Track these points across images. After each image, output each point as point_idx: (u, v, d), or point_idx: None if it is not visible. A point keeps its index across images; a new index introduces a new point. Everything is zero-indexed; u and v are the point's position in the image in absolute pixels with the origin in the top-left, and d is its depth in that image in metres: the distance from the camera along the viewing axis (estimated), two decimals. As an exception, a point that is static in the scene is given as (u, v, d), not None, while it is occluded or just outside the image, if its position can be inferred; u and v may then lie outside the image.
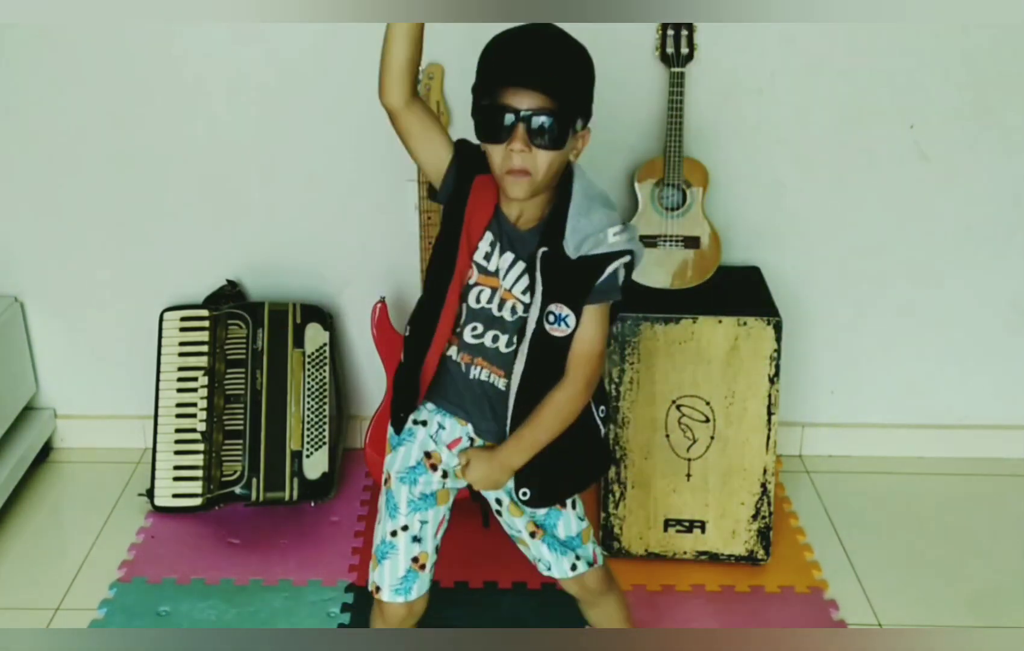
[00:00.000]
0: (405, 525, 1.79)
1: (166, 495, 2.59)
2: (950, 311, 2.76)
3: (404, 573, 1.79)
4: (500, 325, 1.69)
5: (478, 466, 1.74)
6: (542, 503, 1.79)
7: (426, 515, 1.80)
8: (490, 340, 1.70)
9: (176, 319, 2.65)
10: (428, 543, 1.80)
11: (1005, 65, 2.53)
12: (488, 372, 1.72)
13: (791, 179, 2.63)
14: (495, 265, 1.67)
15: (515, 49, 1.56)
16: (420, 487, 1.79)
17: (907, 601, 2.37)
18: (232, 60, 2.54)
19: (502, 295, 1.67)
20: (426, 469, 1.80)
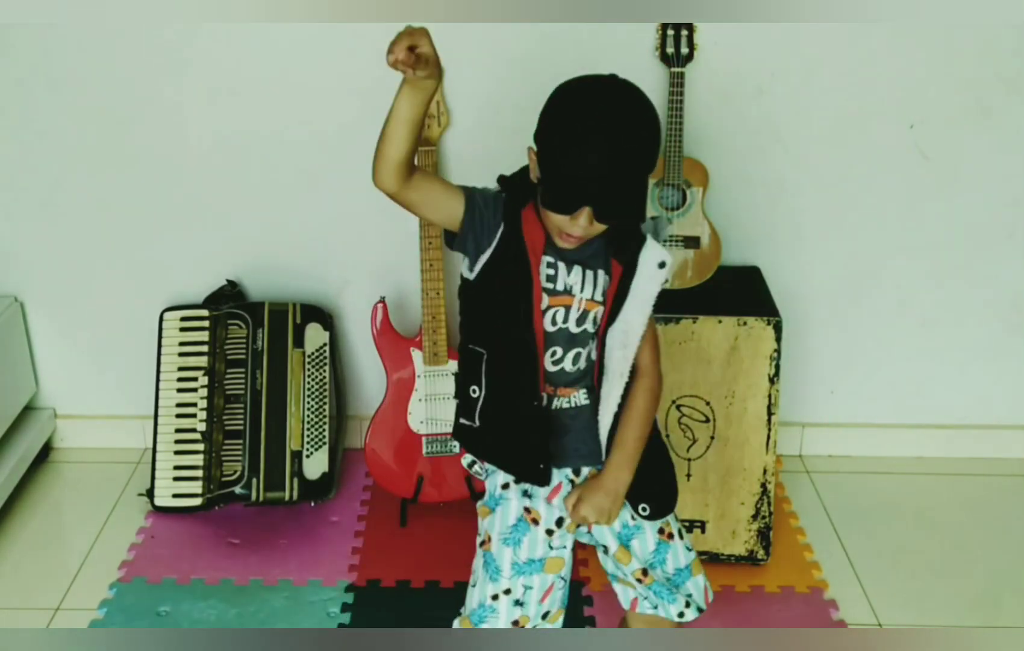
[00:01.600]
0: (508, 589, 1.71)
1: (166, 495, 2.59)
2: (950, 311, 2.76)
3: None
4: (581, 341, 1.67)
5: (592, 500, 1.67)
6: (662, 513, 1.76)
7: (531, 580, 1.71)
8: (570, 363, 1.68)
9: (176, 319, 2.65)
10: (531, 608, 1.72)
11: (1005, 65, 2.53)
12: (569, 398, 1.70)
13: (791, 179, 2.63)
14: (564, 283, 1.64)
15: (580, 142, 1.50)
16: (525, 550, 1.71)
17: (907, 601, 2.37)
18: (232, 60, 2.54)
19: (584, 307, 1.65)
20: (528, 525, 1.71)
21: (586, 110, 1.52)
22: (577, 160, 1.50)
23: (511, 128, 2.56)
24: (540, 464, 1.68)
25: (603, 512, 1.68)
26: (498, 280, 1.63)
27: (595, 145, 1.49)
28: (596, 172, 1.50)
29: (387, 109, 2.61)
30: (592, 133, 1.50)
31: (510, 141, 2.58)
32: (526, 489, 1.72)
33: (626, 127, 1.51)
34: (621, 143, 1.50)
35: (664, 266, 1.68)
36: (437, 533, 2.54)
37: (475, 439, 1.73)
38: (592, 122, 1.50)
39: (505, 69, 2.52)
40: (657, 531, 1.78)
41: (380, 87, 2.51)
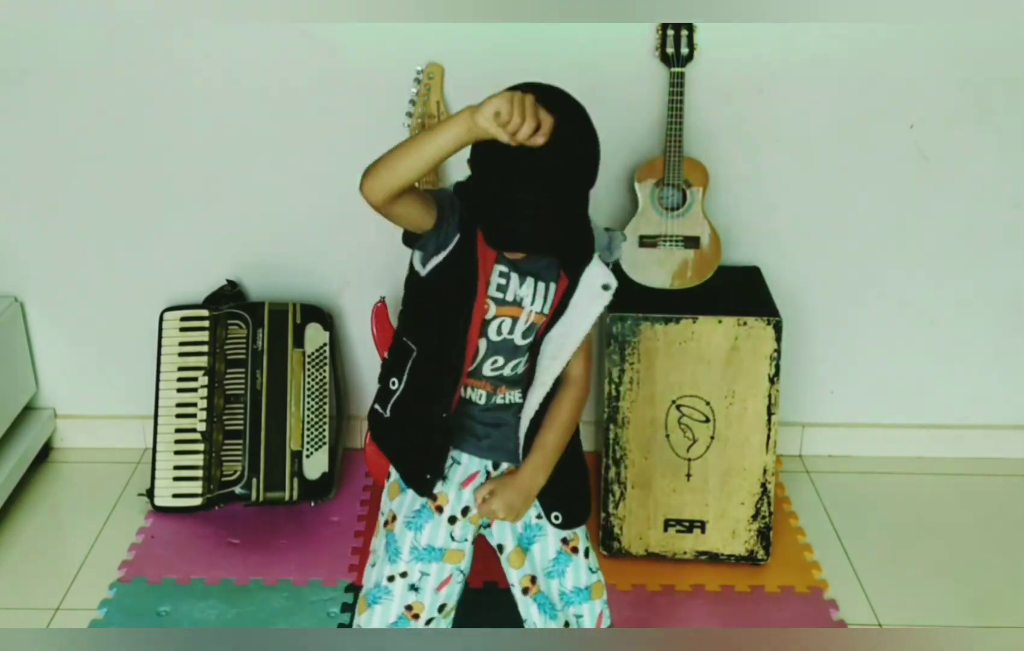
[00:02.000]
0: (405, 572, 1.73)
1: (166, 495, 2.59)
2: (950, 311, 2.76)
3: (394, 620, 1.73)
4: (523, 352, 1.69)
5: (503, 496, 1.68)
6: (573, 523, 1.76)
7: (428, 567, 1.73)
8: (509, 370, 1.70)
9: (176, 319, 2.65)
10: (426, 596, 1.73)
11: (1005, 65, 2.53)
12: (506, 396, 1.72)
13: (791, 179, 2.63)
14: (514, 294, 1.64)
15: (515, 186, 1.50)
16: (426, 536, 1.72)
17: (907, 601, 2.37)
18: (232, 60, 2.54)
19: (533, 320, 1.66)
20: (432, 513, 1.73)
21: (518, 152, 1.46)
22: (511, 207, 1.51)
23: (511, 128, 2.56)
24: (428, 475, 1.69)
25: (512, 509, 1.68)
26: (445, 285, 1.62)
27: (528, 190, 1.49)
28: (530, 216, 1.51)
29: (387, 110, 2.61)
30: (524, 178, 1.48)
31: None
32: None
33: (559, 165, 1.49)
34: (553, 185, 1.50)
35: (608, 289, 1.66)
36: (437, 533, 2.54)
37: (382, 428, 1.74)
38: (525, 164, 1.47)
39: (505, 69, 2.51)
40: (561, 541, 1.77)
41: (381, 87, 2.53)
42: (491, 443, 1.73)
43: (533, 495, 1.70)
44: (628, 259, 2.48)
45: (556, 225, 1.53)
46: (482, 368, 1.68)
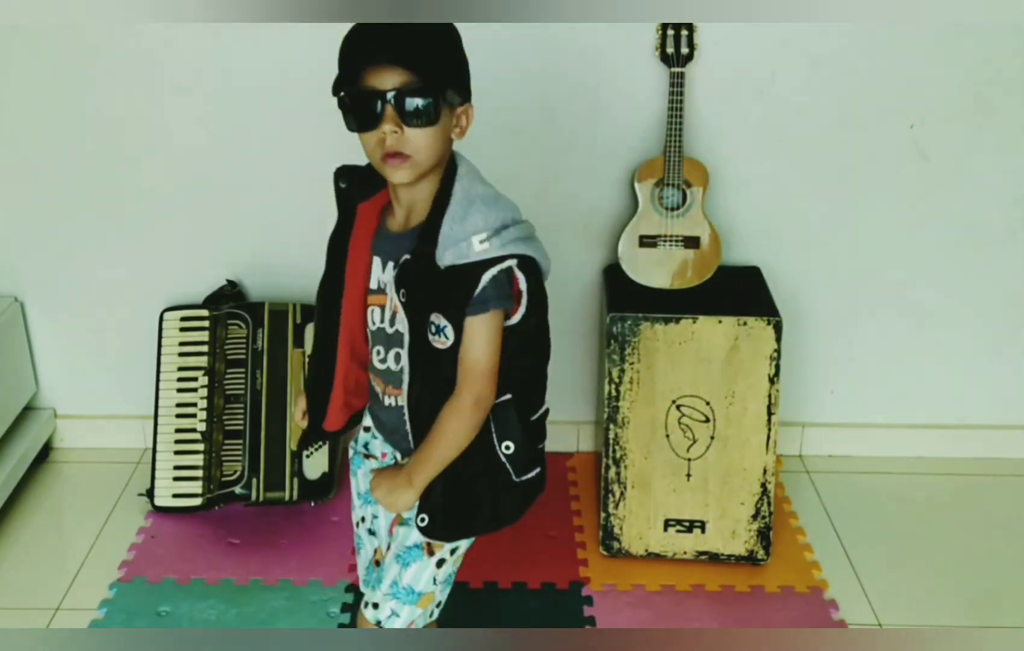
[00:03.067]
0: (362, 517, 1.80)
1: (166, 495, 2.59)
2: (950, 311, 2.76)
3: (367, 566, 1.81)
4: (398, 341, 1.59)
5: (381, 483, 1.64)
6: (440, 536, 1.64)
7: (376, 508, 1.76)
8: (393, 361, 1.62)
9: (176, 319, 2.65)
10: (383, 536, 1.76)
11: (1005, 65, 2.53)
12: (394, 397, 1.64)
13: (791, 179, 2.63)
14: (377, 281, 1.62)
15: (370, 31, 1.50)
16: (361, 481, 1.78)
17: (907, 601, 2.37)
18: (232, 60, 2.54)
19: (394, 308, 1.58)
20: (363, 461, 1.78)
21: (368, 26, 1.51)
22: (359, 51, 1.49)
23: (511, 128, 2.56)
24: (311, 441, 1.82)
25: (390, 498, 1.63)
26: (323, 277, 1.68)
27: (375, 29, 1.49)
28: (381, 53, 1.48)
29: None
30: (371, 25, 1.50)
31: (510, 141, 2.59)
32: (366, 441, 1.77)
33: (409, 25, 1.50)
34: (400, 27, 1.48)
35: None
36: (437, 533, 2.54)
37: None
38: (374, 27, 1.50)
39: (505, 69, 2.52)
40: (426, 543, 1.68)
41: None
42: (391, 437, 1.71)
43: (411, 491, 1.60)
44: (628, 259, 2.48)
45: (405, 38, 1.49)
46: (373, 361, 1.67)
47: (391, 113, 1.48)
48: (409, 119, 1.49)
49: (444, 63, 1.53)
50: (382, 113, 1.49)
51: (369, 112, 1.49)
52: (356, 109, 1.51)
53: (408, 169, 1.52)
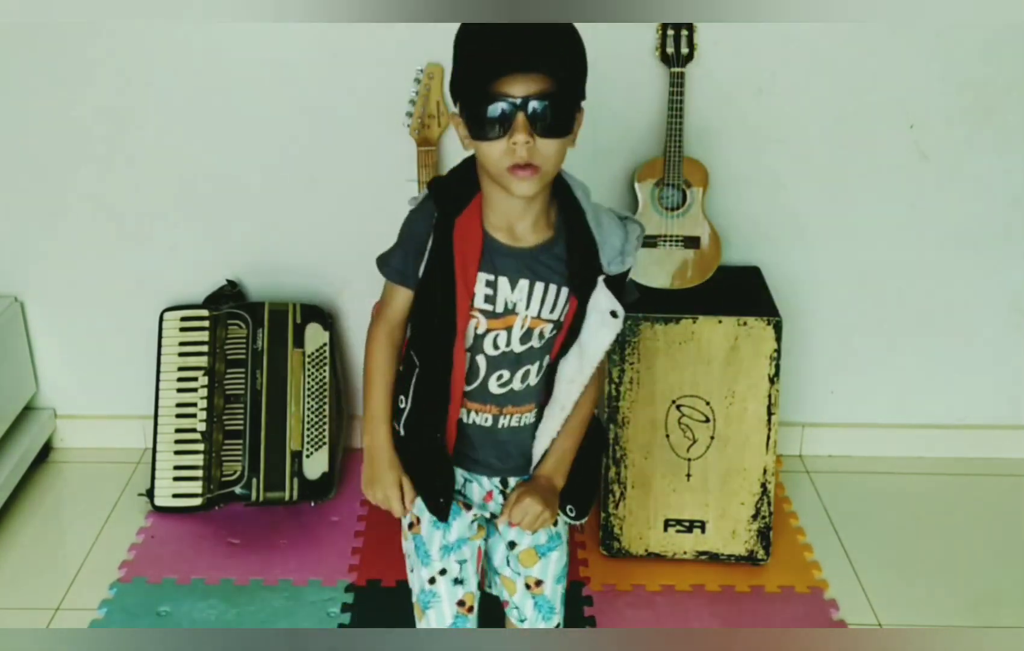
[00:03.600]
0: (444, 569, 1.68)
1: (166, 495, 2.59)
2: (950, 311, 2.76)
3: (452, 620, 1.69)
4: (528, 359, 1.57)
5: (533, 505, 1.57)
6: (584, 514, 1.68)
7: (463, 554, 1.68)
8: (519, 382, 1.59)
9: (176, 319, 2.65)
10: (471, 582, 1.69)
11: (1005, 65, 2.53)
12: (519, 416, 1.62)
13: (791, 179, 2.63)
14: (504, 302, 1.53)
15: (502, 32, 1.39)
16: (455, 532, 1.67)
17: (907, 601, 2.37)
18: (232, 60, 2.54)
19: (528, 325, 1.55)
20: (460, 509, 1.67)
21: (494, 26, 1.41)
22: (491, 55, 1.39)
23: (511, 128, 2.56)
24: (440, 498, 1.62)
25: (538, 517, 1.58)
26: (429, 298, 1.54)
27: (508, 31, 1.38)
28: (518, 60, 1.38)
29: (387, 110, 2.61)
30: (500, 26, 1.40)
31: (510, 141, 2.58)
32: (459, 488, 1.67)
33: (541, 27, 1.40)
34: (535, 28, 1.39)
35: (616, 316, 1.56)
36: (437, 533, 2.54)
37: (400, 445, 1.64)
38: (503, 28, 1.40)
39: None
40: (567, 542, 1.74)
41: (381, 87, 2.53)
42: (501, 466, 1.66)
43: (555, 500, 1.62)
44: (628, 259, 2.48)
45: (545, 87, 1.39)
46: (488, 386, 1.58)
47: (523, 122, 1.39)
48: (544, 129, 1.41)
49: (578, 69, 1.45)
50: (513, 121, 1.39)
51: (500, 120, 1.40)
52: (484, 117, 1.40)
53: (535, 181, 1.44)
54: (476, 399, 1.60)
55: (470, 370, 1.57)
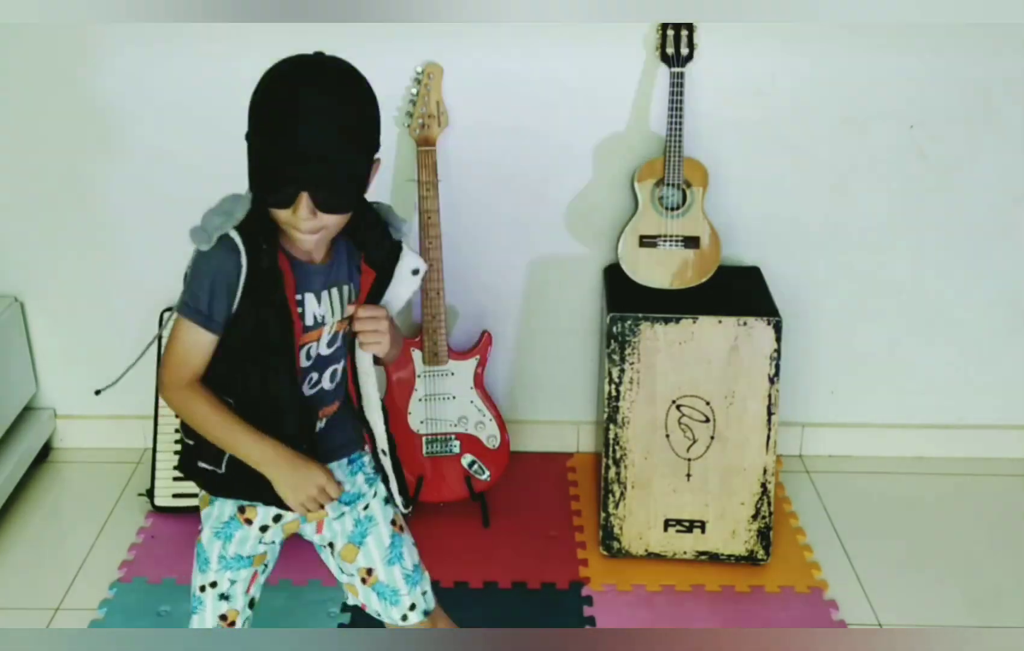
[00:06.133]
0: (214, 582, 1.71)
1: (166, 495, 2.59)
2: (950, 311, 2.76)
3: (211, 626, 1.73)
4: (335, 359, 1.65)
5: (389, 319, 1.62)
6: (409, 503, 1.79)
7: (237, 574, 1.71)
8: (328, 381, 1.66)
9: (176, 319, 2.65)
10: (238, 601, 1.73)
11: (1005, 65, 2.53)
12: (330, 416, 1.68)
13: (791, 179, 2.63)
14: (314, 316, 1.59)
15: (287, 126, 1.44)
16: (234, 546, 1.69)
17: (907, 601, 2.37)
18: (232, 60, 2.53)
19: (335, 329, 1.62)
20: (240, 524, 1.68)
21: (290, 91, 1.44)
22: (284, 143, 1.44)
23: (510, 128, 2.56)
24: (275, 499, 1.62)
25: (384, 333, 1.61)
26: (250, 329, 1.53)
27: (302, 124, 1.42)
28: (306, 153, 1.43)
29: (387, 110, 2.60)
30: (299, 112, 1.43)
31: (509, 141, 2.59)
32: None
33: (333, 104, 1.45)
34: (329, 119, 1.44)
35: (417, 273, 1.64)
36: (437, 533, 2.54)
37: (221, 483, 1.63)
38: (298, 102, 1.43)
39: (504, 69, 2.52)
40: (390, 522, 1.76)
41: (381, 86, 2.52)
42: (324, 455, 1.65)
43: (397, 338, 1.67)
44: (628, 259, 2.48)
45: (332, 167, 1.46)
46: (303, 392, 1.62)
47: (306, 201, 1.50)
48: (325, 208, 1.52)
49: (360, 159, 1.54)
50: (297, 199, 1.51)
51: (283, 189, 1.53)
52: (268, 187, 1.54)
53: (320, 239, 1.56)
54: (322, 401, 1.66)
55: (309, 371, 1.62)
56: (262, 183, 1.51)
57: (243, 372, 1.56)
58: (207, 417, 1.55)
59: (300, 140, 1.43)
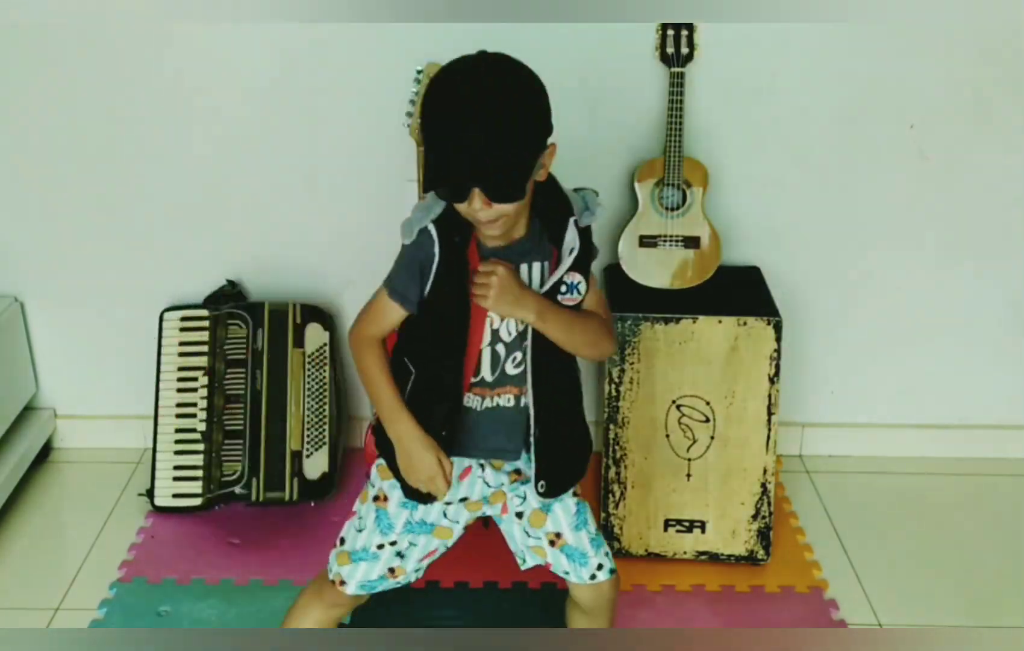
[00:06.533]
0: (395, 541, 1.80)
1: (166, 495, 2.59)
2: (950, 311, 2.76)
3: (376, 578, 1.82)
4: (518, 344, 1.69)
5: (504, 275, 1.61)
6: (556, 492, 1.77)
7: (417, 538, 1.80)
8: (511, 366, 1.70)
9: (176, 319, 2.65)
10: (409, 562, 1.82)
11: (1005, 65, 2.53)
12: (509, 396, 1.71)
13: (791, 179, 2.63)
14: None
15: (453, 125, 1.51)
16: (420, 513, 1.78)
17: (907, 601, 2.37)
18: (233, 60, 2.54)
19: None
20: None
21: (454, 91, 1.52)
22: (452, 142, 1.51)
23: (511, 128, 2.56)
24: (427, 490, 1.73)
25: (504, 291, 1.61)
26: (436, 316, 1.66)
27: (468, 122, 1.49)
28: (472, 148, 1.49)
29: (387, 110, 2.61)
30: (464, 111, 1.50)
31: (510, 141, 2.58)
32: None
33: (498, 100, 1.51)
34: (491, 114, 1.49)
35: (573, 252, 1.66)
36: (437, 533, 2.54)
37: (385, 441, 1.75)
38: (463, 101, 1.50)
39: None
40: (572, 493, 1.82)
41: (381, 86, 2.53)
42: (488, 445, 1.75)
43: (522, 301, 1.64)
44: (628, 259, 2.48)
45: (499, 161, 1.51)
46: (506, 370, 1.69)
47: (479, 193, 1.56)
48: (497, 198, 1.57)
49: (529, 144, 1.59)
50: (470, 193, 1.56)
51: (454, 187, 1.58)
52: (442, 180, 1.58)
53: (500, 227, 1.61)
54: (497, 386, 1.70)
55: (492, 361, 1.69)
56: (436, 181, 1.57)
57: (424, 350, 1.69)
58: (367, 372, 1.71)
59: (465, 137, 1.50)
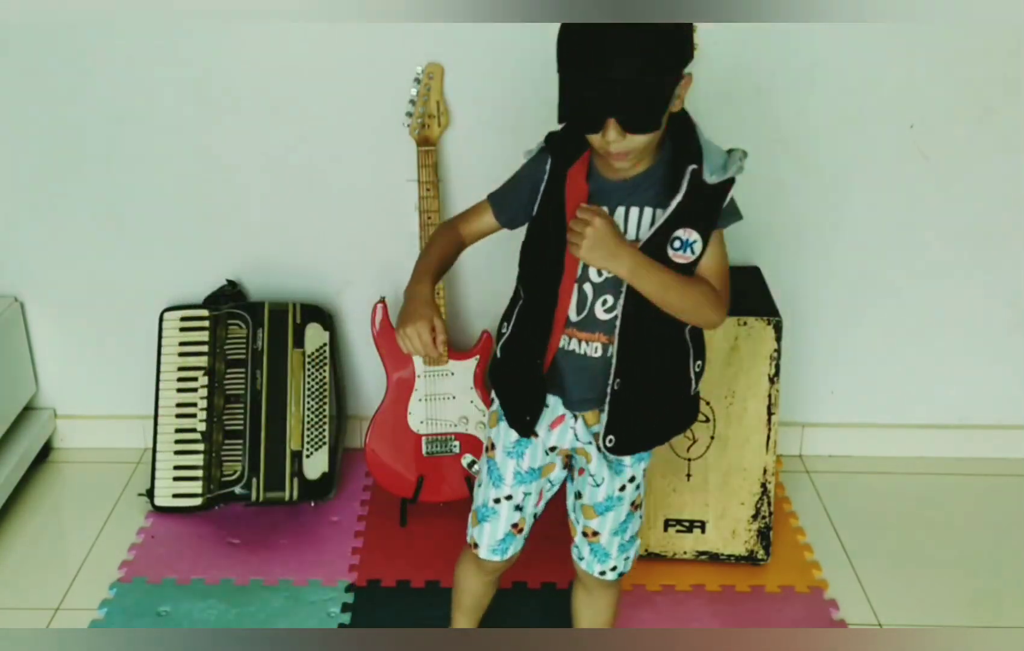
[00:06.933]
0: (509, 495, 1.86)
1: (166, 495, 2.59)
2: (950, 311, 2.76)
3: (503, 537, 1.89)
4: (609, 286, 1.67)
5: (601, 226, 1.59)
6: (625, 451, 1.77)
7: (530, 487, 1.86)
8: (601, 308, 1.68)
9: (176, 319, 2.65)
10: (528, 511, 1.89)
11: (1005, 65, 2.53)
12: (596, 344, 1.70)
13: (791, 179, 2.63)
14: None
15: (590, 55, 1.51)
16: (527, 460, 1.83)
17: (907, 601, 2.37)
18: (233, 60, 2.54)
19: None
20: (531, 441, 1.82)
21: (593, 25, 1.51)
22: (589, 72, 1.51)
23: (511, 128, 2.56)
24: (527, 416, 1.77)
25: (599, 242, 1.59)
26: (538, 239, 1.71)
27: (604, 51, 1.49)
28: (609, 78, 1.50)
29: (387, 110, 2.61)
30: (599, 41, 1.49)
31: (510, 141, 2.57)
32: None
33: (638, 27, 1.50)
34: (629, 44, 1.49)
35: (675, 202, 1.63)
36: (437, 533, 2.55)
37: (494, 369, 1.84)
38: (597, 31, 1.50)
39: (505, 69, 2.52)
40: (631, 503, 1.86)
41: (380, 87, 2.53)
42: (572, 396, 1.75)
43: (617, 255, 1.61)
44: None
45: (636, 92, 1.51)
46: (595, 312, 1.69)
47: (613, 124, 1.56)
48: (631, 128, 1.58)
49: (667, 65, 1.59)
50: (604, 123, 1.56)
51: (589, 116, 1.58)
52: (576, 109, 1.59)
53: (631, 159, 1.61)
54: (584, 327, 1.70)
55: (579, 300, 1.69)
56: (572, 111, 1.57)
57: (527, 275, 1.75)
58: (427, 243, 1.80)
59: (603, 67, 1.49)
